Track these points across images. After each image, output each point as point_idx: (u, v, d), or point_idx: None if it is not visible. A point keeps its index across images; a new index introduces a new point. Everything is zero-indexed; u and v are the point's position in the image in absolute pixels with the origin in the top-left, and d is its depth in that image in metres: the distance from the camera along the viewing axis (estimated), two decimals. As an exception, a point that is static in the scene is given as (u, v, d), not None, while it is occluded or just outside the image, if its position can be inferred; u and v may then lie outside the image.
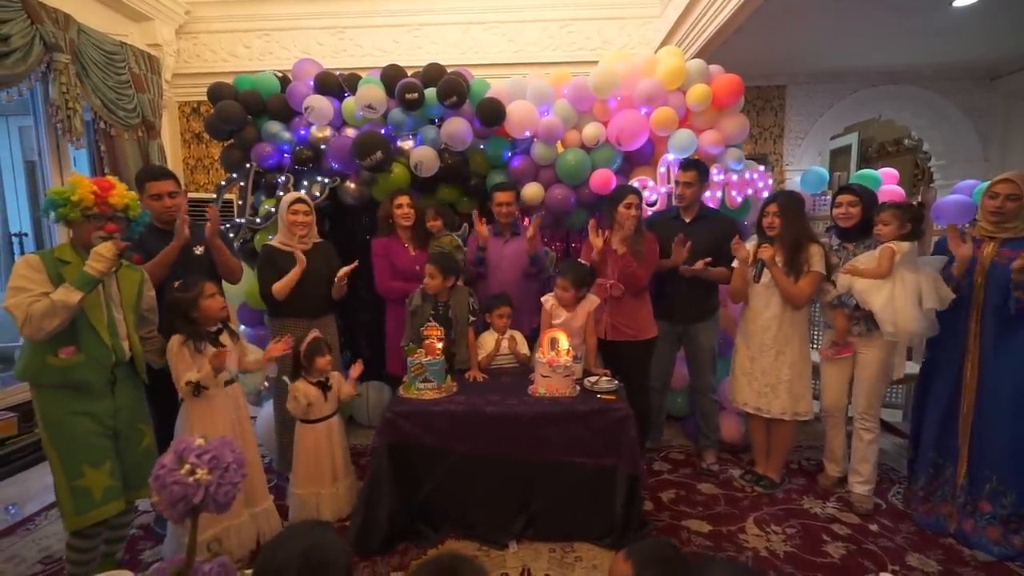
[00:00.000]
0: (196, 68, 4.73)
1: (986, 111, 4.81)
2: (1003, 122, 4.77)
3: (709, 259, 2.63)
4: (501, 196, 2.92)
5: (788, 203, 2.48)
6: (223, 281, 2.45)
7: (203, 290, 2.02)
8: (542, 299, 2.62)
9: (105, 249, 1.73)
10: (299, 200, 2.57)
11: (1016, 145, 4.69)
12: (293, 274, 2.50)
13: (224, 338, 2.10)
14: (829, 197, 3.52)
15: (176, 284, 2.09)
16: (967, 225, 2.49)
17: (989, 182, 2.25)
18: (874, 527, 2.31)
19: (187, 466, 0.90)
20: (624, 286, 2.60)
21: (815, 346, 3.45)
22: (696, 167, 2.73)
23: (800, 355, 2.52)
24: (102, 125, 3.72)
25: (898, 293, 2.22)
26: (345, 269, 2.61)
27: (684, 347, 2.94)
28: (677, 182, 2.76)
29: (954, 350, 2.24)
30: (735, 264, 2.61)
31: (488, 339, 2.72)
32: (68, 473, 1.74)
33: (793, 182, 4.08)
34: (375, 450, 2.17)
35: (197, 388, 1.96)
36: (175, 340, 1.99)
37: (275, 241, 2.62)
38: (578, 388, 2.34)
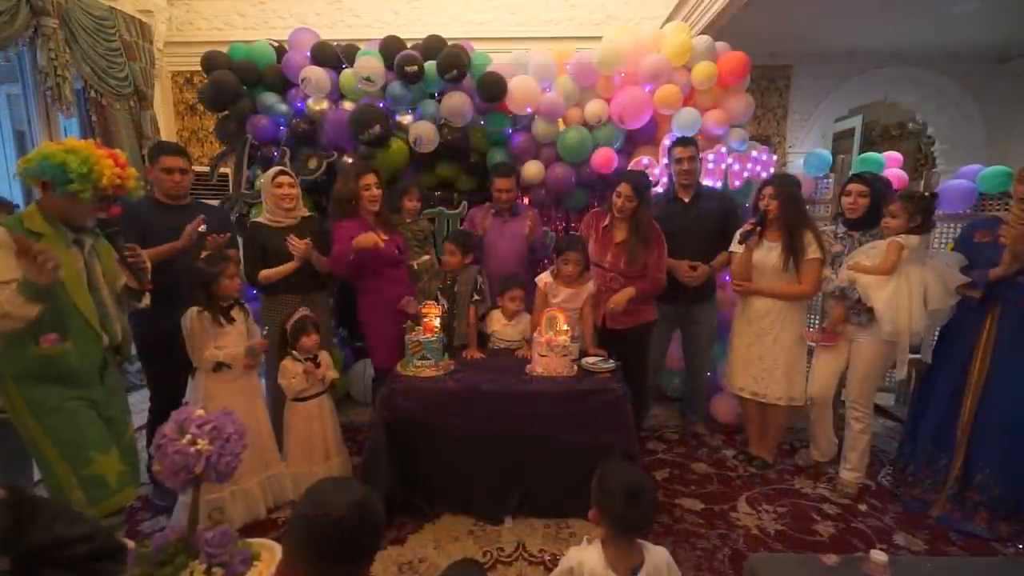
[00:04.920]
0: (189, 36, 4.61)
1: (994, 94, 4.76)
2: (1010, 106, 4.72)
3: (699, 265, 2.66)
4: (501, 183, 2.88)
5: (784, 185, 2.46)
6: None
7: (225, 269, 2.08)
8: (536, 279, 2.61)
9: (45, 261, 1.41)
10: (282, 172, 2.50)
11: (1023, 130, 4.66)
12: (286, 268, 2.44)
13: (236, 312, 2.16)
14: (831, 181, 3.50)
15: (203, 255, 2.13)
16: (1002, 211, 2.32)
17: (996, 167, 2.18)
18: (863, 507, 2.36)
19: (188, 436, 0.90)
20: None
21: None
22: (691, 142, 2.75)
23: (796, 339, 2.53)
24: (93, 94, 3.64)
25: (902, 291, 2.17)
26: (300, 250, 2.41)
27: (683, 328, 2.96)
28: (678, 159, 2.73)
29: (964, 344, 2.20)
30: (732, 249, 2.61)
31: (494, 318, 2.71)
32: (73, 463, 1.59)
33: (796, 164, 4.05)
34: (373, 426, 2.20)
35: (219, 366, 2.05)
36: (192, 311, 2.05)
37: (262, 218, 2.54)
38: (575, 367, 2.35)
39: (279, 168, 2.55)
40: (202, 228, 2.22)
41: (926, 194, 2.30)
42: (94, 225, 1.72)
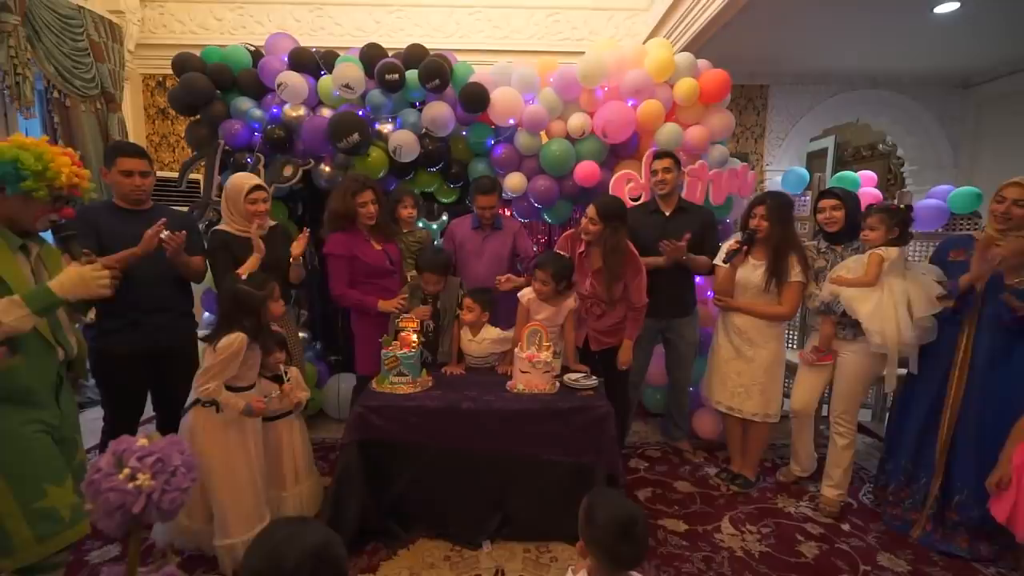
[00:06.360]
0: (162, 39, 4.46)
1: (959, 119, 4.93)
2: (974, 130, 4.89)
3: (688, 235, 2.60)
4: (483, 200, 2.80)
5: (776, 206, 2.43)
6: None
7: (274, 291, 1.93)
8: (519, 294, 2.54)
9: (99, 278, 1.45)
10: (257, 188, 2.35)
11: (986, 153, 4.82)
12: (251, 263, 2.27)
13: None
14: (808, 198, 3.54)
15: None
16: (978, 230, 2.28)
17: (966, 188, 2.20)
18: (846, 527, 2.33)
19: (127, 470, 0.79)
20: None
21: (791, 346, 3.48)
22: (670, 155, 2.75)
23: (775, 358, 2.51)
24: (56, 95, 3.47)
25: (886, 302, 2.16)
26: (298, 244, 2.36)
27: (666, 342, 2.92)
28: (655, 171, 2.73)
29: (941, 360, 2.19)
30: (716, 262, 2.59)
31: (463, 334, 2.60)
32: (24, 497, 1.42)
33: (774, 182, 4.09)
34: (345, 446, 2.08)
35: (212, 404, 1.82)
36: (239, 339, 1.79)
37: (226, 226, 2.36)
38: (557, 384, 2.28)
39: (255, 184, 2.36)
40: (164, 234, 2.07)
41: (902, 206, 2.32)
42: (45, 228, 1.57)
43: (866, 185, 3.53)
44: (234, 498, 1.86)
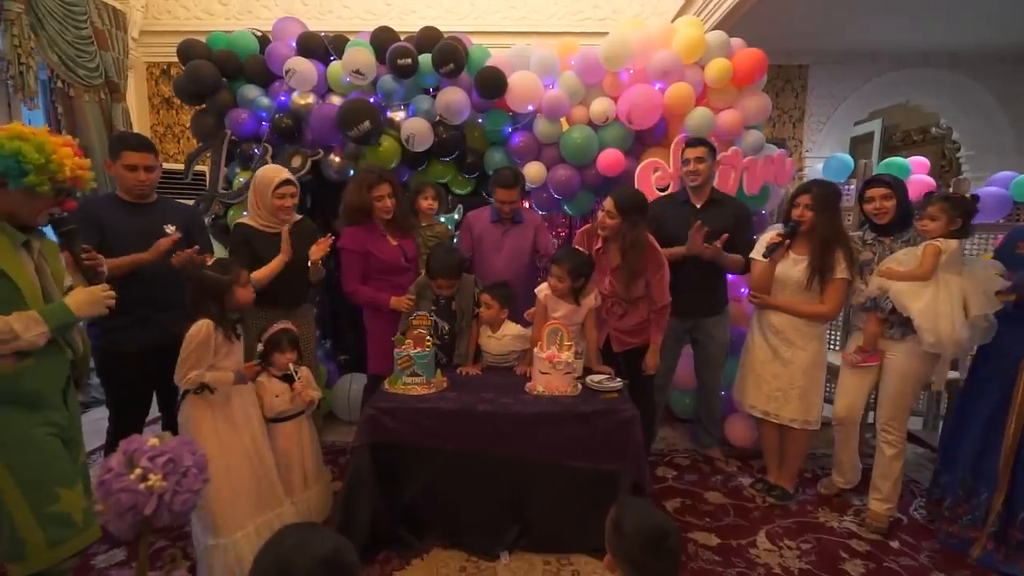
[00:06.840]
0: (166, 26, 4.56)
1: (1022, 98, 4.75)
2: (1040, 111, 4.72)
3: (726, 236, 2.56)
4: (503, 195, 2.79)
5: (823, 195, 2.36)
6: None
7: (239, 277, 1.97)
8: (536, 290, 2.53)
9: (108, 298, 1.56)
10: (287, 182, 2.38)
11: (1053, 136, 4.66)
12: (276, 263, 2.30)
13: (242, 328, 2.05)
14: (852, 187, 3.46)
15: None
16: None
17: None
18: (895, 544, 2.27)
19: (138, 471, 0.81)
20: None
21: (833, 347, 3.41)
22: (704, 143, 2.70)
23: (815, 360, 2.46)
24: (59, 84, 3.58)
25: (941, 298, 2.09)
26: (318, 248, 2.40)
27: (694, 343, 2.89)
28: (687, 160, 2.68)
29: (1004, 362, 2.11)
30: (753, 255, 2.55)
31: (482, 331, 2.62)
32: (37, 501, 1.44)
33: (814, 170, 4.01)
34: (356, 450, 2.10)
35: (202, 388, 1.87)
36: (205, 325, 1.85)
37: (251, 220, 2.41)
38: (580, 386, 2.27)
39: (285, 178, 2.38)
40: (170, 229, 2.11)
41: (967, 195, 2.24)
42: (46, 223, 1.60)
43: (918, 172, 3.43)
44: (231, 488, 1.89)
